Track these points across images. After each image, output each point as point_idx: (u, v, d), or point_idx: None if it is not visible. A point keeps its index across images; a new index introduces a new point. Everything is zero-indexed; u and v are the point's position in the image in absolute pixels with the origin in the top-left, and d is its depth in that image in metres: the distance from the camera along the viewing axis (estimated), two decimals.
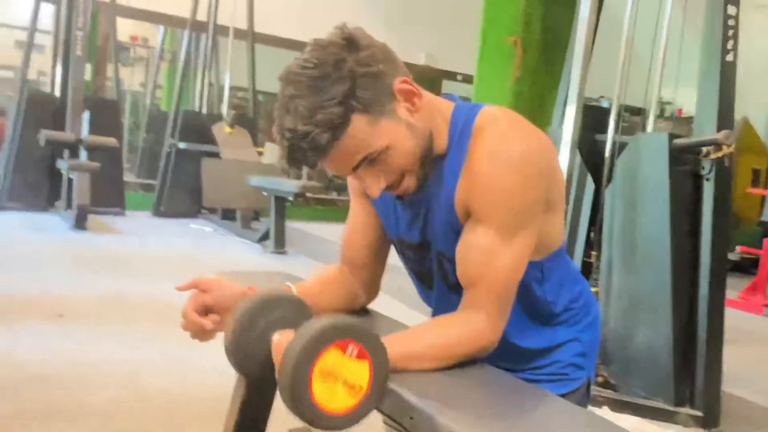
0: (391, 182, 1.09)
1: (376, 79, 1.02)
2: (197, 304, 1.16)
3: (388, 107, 1.03)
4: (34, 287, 3.58)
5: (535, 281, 1.20)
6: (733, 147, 2.45)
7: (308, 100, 0.99)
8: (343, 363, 0.91)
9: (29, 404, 2.10)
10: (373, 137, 1.02)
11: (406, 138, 1.06)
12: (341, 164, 1.05)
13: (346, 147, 1.02)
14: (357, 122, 1.01)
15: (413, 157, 1.07)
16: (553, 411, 1.04)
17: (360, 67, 1.00)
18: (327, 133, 0.99)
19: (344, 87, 0.99)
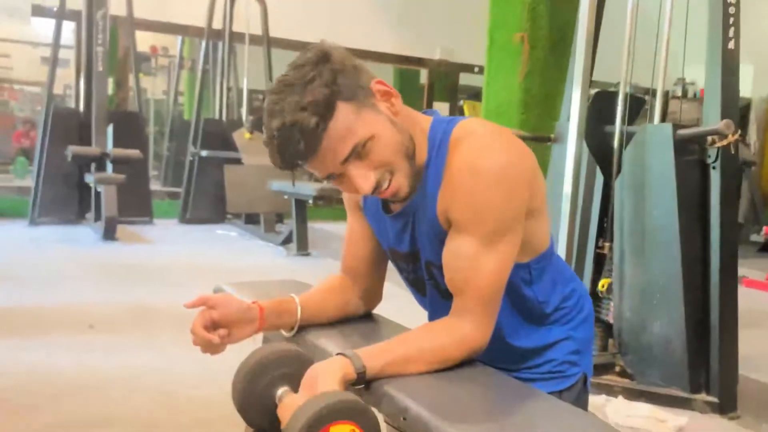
0: (380, 178, 1.11)
1: (354, 73, 1.08)
2: (205, 320, 1.23)
3: (369, 101, 1.09)
4: (66, 298, 3.72)
5: (524, 283, 1.25)
6: (738, 135, 2.46)
7: (294, 94, 1.04)
8: None
9: (66, 414, 2.21)
10: (358, 125, 1.07)
11: (391, 131, 1.10)
12: (331, 156, 1.07)
13: (335, 134, 1.05)
14: (342, 109, 1.05)
15: (399, 149, 1.11)
16: (542, 408, 1.08)
17: (338, 65, 1.07)
18: (315, 117, 1.03)
19: (327, 77, 1.05)
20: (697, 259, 2.59)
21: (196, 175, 7.15)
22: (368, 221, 1.36)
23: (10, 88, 13.03)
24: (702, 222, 2.60)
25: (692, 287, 2.57)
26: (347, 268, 1.44)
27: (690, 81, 9.98)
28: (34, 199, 6.39)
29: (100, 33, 6.15)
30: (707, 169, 2.60)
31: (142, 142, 6.93)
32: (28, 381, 2.48)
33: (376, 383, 1.09)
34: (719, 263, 2.54)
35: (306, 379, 1.06)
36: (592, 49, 2.82)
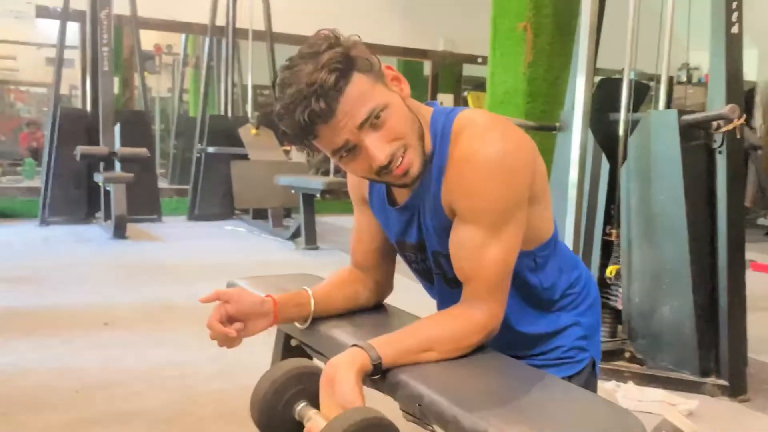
0: (395, 151, 1.12)
1: (367, 56, 1.11)
2: (220, 315, 1.26)
3: (381, 79, 1.12)
4: (80, 297, 3.78)
5: (529, 270, 1.28)
6: (743, 119, 2.47)
7: (308, 65, 1.07)
8: None
9: (85, 411, 2.25)
10: (374, 93, 1.10)
11: (404, 108, 1.14)
12: (347, 120, 1.08)
13: (351, 97, 1.07)
14: (358, 78, 1.08)
15: (413, 125, 1.14)
16: (555, 392, 1.11)
17: (349, 44, 1.10)
18: (334, 74, 1.05)
19: (340, 50, 1.07)
20: (704, 243, 2.61)
21: (203, 172, 7.19)
22: (374, 214, 1.39)
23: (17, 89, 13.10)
24: (709, 206, 2.62)
25: (700, 271, 2.59)
26: (357, 261, 1.47)
27: (694, 66, 9.94)
28: (44, 199, 6.44)
29: (105, 32, 6.18)
30: (713, 154, 2.61)
31: (149, 140, 6.97)
32: (49, 379, 2.53)
33: (391, 372, 1.13)
34: (727, 247, 2.56)
35: (324, 375, 1.09)
36: (596, 37, 2.84)
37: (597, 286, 1.46)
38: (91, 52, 6.60)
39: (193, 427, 2.16)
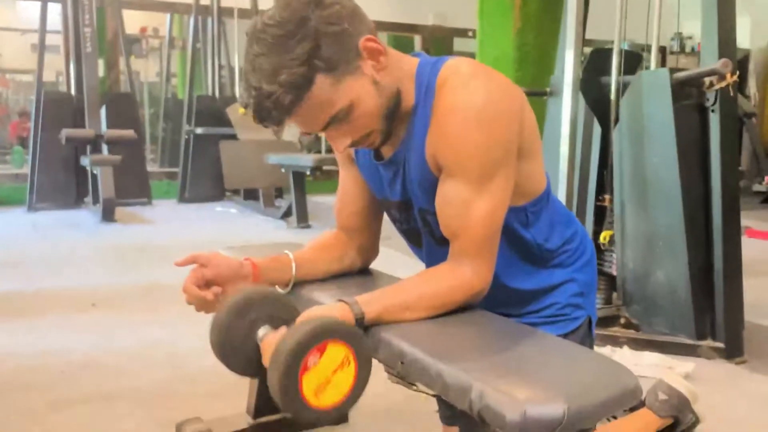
0: (356, 140, 1.11)
1: (341, 38, 1.03)
2: (197, 278, 1.21)
3: (353, 65, 1.05)
4: (69, 280, 3.72)
5: (521, 225, 1.22)
6: (736, 76, 2.41)
7: (272, 59, 1.00)
8: (325, 364, 0.96)
9: (71, 390, 2.21)
10: (336, 96, 1.04)
11: (372, 95, 1.08)
12: (308, 123, 1.08)
13: (310, 107, 1.04)
14: (321, 83, 1.02)
15: (378, 114, 1.09)
16: (546, 347, 1.06)
17: (324, 26, 1.01)
18: (290, 94, 1.01)
19: (308, 46, 1.00)
20: (699, 205, 2.56)
21: (192, 154, 7.11)
22: (361, 173, 1.33)
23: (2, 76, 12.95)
24: (703, 167, 2.57)
25: (695, 233, 2.55)
26: (341, 223, 1.42)
27: (687, 35, 9.87)
28: (31, 185, 6.37)
29: (87, 13, 6.07)
30: (706, 113, 2.55)
31: (136, 122, 6.88)
32: (38, 360, 2.49)
33: (374, 329, 1.08)
34: (721, 207, 2.52)
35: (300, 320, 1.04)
36: (585, 4, 2.77)
37: (593, 244, 1.41)
38: (73, 34, 6.49)
39: (182, 404, 2.12)
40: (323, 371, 0.96)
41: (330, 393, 0.97)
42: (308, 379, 0.95)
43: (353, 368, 0.98)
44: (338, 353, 0.97)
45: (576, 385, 0.90)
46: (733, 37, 2.55)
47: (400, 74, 1.13)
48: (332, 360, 0.96)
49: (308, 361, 0.94)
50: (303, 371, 0.95)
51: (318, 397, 0.96)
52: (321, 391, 0.96)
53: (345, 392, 0.98)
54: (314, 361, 0.95)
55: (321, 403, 0.97)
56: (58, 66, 9.25)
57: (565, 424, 0.83)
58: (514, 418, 0.82)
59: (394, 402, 2.10)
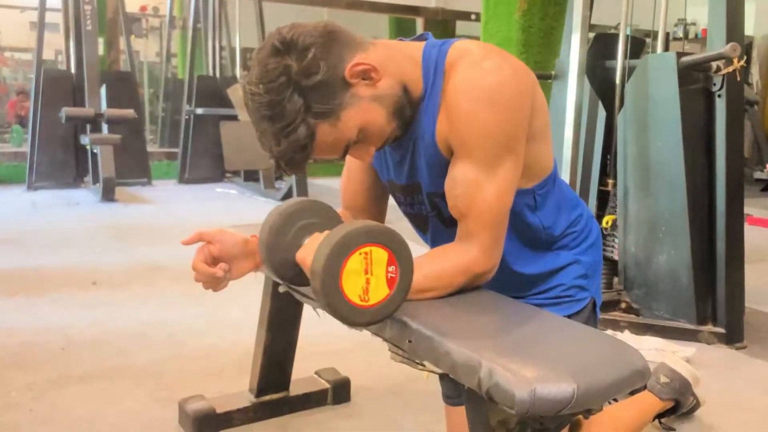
0: (379, 146, 1.13)
1: (326, 84, 1.02)
2: (205, 256, 1.21)
3: (347, 97, 1.04)
4: (68, 259, 3.71)
5: (528, 208, 1.22)
6: (744, 61, 2.39)
7: (271, 126, 1.03)
8: (371, 262, 0.97)
9: (71, 368, 2.21)
10: (343, 132, 1.06)
11: (376, 111, 1.08)
12: (328, 156, 1.11)
13: (321, 150, 1.07)
14: (322, 130, 1.04)
15: (389, 122, 1.10)
16: (552, 327, 1.06)
17: (306, 79, 1.01)
18: (299, 153, 1.05)
19: (298, 105, 1.01)
20: (702, 190, 2.55)
21: (192, 134, 7.08)
22: None
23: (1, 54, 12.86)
24: (707, 152, 2.56)
25: (698, 218, 2.54)
26: (347, 203, 1.42)
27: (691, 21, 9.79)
28: (31, 164, 6.34)
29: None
30: (712, 98, 2.54)
31: (135, 102, 6.84)
32: (36, 337, 2.49)
33: None
34: (725, 192, 2.51)
35: None
36: None
37: (598, 226, 1.40)
38: (73, 11, 6.43)
39: (182, 382, 2.12)
40: (368, 266, 0.97)
41: (373, 292, 0.98)
42: (355, 260, 0.95)
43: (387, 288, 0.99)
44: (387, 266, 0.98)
45: (585, 364, 0.90)
46: (741, 21, 2.53)
47: (404, 66, 1.12)
48: (381, 264, 0.98)
49: (366, 247, 0.96)
50: (359, 248, 0.95)
51: (350, 285, 0.96)
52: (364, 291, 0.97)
53: (374, 299, 0.98)
54: (369, 252, 0.96)
55: (346, 289, 0.96)
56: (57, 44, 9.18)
57: (574, 403, 0.82)
58: (523, 396, 0.82)
59: (396, 383, 2.10)
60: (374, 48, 1.09)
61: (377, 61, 1.07)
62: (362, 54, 1.06)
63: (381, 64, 1.07)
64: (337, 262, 0.94)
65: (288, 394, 1.90)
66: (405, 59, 1.12)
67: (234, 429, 1.82)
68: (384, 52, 1.10)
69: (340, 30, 1.07)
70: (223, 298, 1.17)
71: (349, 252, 0.95)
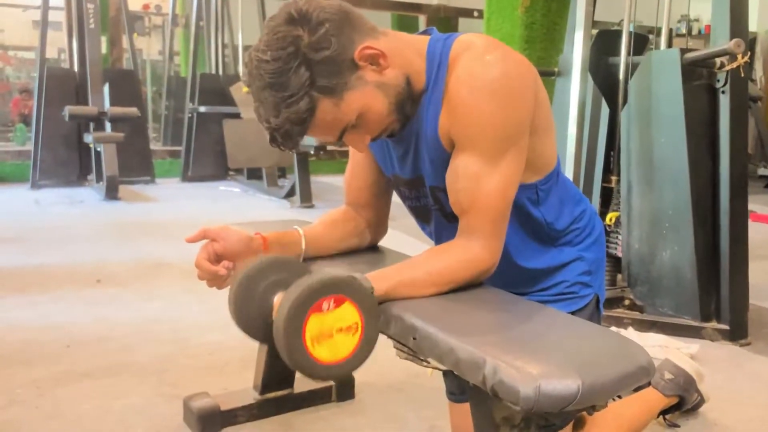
0: (375, 136, 1.13)
1: (334, 60, 1.02)
2: (208, 253, 1.21)
3: (352, 78, 1.05)
4: (72, 257, 3.72)
5: (531, 203, 1.22)
6: (747, 56, 2.39)
7: (273, 95, 1.02)
8: (328, 319, 0.95)
9: (76, 364, 2.22)
10: (343, 112, 1.05)
11: (379, 98, 1.07)
12: (323, 137, 1.10)
13: (319, 128, 1.07)
14: (323, 106, 1.04)
15: (389, 112, 1.10)
16: (557, 323, 1.06)
17: (315, 53, 1.01)
18: (297, 126, 1.04)
19: (304, 78, 1.01)
20: (706, 186, 2.55)
21: (195, 132, 7.09)
22: (371, 148, 1.32)
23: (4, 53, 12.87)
24: (711, 148, 2.55)
25: (702, 214, 2.54)
26: (351, 199, 1.42)
27: (694, 18, 9.77)
28: (35, 162, 6.35)
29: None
30: (716, 95, 2.53)
31: (138, 100, 6.84)
32: (39, 334, 2.49)
33: (384, 306, 1.08)
34: (729, 188, 2.50)
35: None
36: None
37: (602, 222, 1.40)
38: (76, 9, 6.44)
39: (186, 378, 2.12)
40: (330, 322, 0.95)
41: (327, 348, 0.96)
42: (314, 322, 0.94)
43: (357, 339, 0.98)
44: (351, 316, 0.96)
45: (589, 361, 0.90)
46: (745, 16, 2.52)
47: (409, 57, 1.12)
48: (342, 318, 0.96)
49: (322, 303, 0.94)
50: (314, 310, 0.94)
51: (314, 345, 0.95)
52: (319, 342, 0.95)
53: (340, 356, 0.97)
54: (327, 307, 0.95)
55: (315, 352, 0.95)
56: (59, 43, 9.19)
57: (578, 399, 0.83)
58: (528, 392, 0.82)
59: (399, 380, 2.10)
60: (384, 37, 1.10)
61: (386, 50, 1.07)
62: (372, 40, 1.07)
63: (389, 53, 1.08)
64: (297, 326, 0.93)
65: (292, 391, 1.90)
66: (411, 51, 1.13)
67: (238, 426, 1.82)
68: (392, 43, 1.10)
69: (354, 12, 1.07)
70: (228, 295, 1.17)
71: (308, 310, 0.94)
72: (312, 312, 0.94)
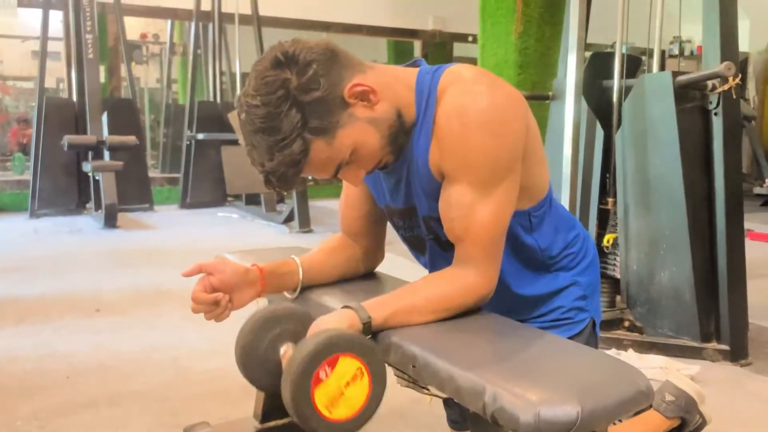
0: (369, 170, 1.14)
1: (324, 101, 1.03)
2: (205, 287, 1.21)
3: (344, 116, 1.05)
4: (71, 286, 3.72)
5: (524, 230, 1.23)
6: (739, 78, 2.42)
7: (265, 139, 1.02)
8: (332, 381, 0.96)
9: (77, 395, 2.21)
10: (337, 151, 1.06)
11: (371, 134, 1.08)
12: (318, 176, 1.11)
13: (313, 168, 1.07)
14: (317, 147, 1.04)
15: (381, 146, 1.10)
16: (555, 349, 1.07)
17: (305, 95, 1.02)
18: (291, 169, 1.04)
19: (295, 120, 1.01)
20: (702, 207, 2.57)
21: (194, 159, 7.12)
22: (364, 179, 1.33)
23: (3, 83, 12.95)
24: (706, 169, 2.58)
25: (699, 235, 2.55)
26: (346, 228, 1.42)
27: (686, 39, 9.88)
28: (33, 191, 6.37)
29: (88, 19, 6.08)
30: (709, 116, 2.56)
31: (137, 128, 6.87)
32: (40, 364, 2.49)
33: (383, 334, 1.08)
34: (725, 209, 2.52)
35: (311, 332, 1.04)
36: (587, 7, 2.78)
37: (595, 245, 1.41)
38: (75, 40, 6.50)
39: (188, 406, 2.12)
40: (335, 384, 0.96)
41: (344, 406, 0.97)
42: (320, 393, 0.95)
43: (367, 381, 0.99)
44: (350, 366, 0.97)
45: (589, 386, 0.90)
46: (735, 39, 2.56)
47: (399, 91, 1.12)
48: (344, 373, 0.97)
49: (319, 374, 0.95)
50: (315, 384, 0.95)
51: (331, 410, 0.97)
52: (334, 405, 0.97)
53: (359, 405, 0.99)
54: (325, 374, 0.95)
55: (335, 416, 0.97)
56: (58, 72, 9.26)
57: (578, 425, 0.83)
58: (528, 419, 0.83)
59: (400, 405, 2.10)
60: (372, 71, 1.10)
61: (375, 85, 1.08)
62: (361, 76, 1.07)
63: (378, 87, 1.09)
64: (309, 407, 0.95)
65: (293, 420, 1.89)
66: (400, 85, 1.13)
67: None
68: (381, 77, 1.11)
69: (340, 50, 1.08)
70: (227, 322, 1.18)
71: (310, 390, 0.95)
72: (314, 387, 0.95)
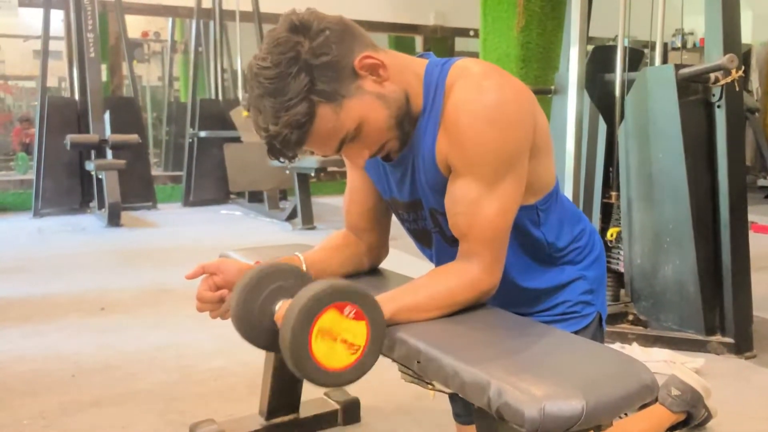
0: (373, 152, 1.13)
1: (334, 66, 1.03)
2: (209, 286, 1.22)
3: (352, 87, 1.05)
4: (76, 285, 3.73)
5: (532, 224, 1.23)
6: (742, 71, 2.41)
7: (272, 101, 1.02)
8: (341, 323, 0.96)
9: (82, 394, 2.22)
10: (343, 121, 1.05)
11: (378, 110, 1.08)
12: (321, 149, 1.10)
13: (318, 137, 1.06)
14: (323, 113, 1.04)
15: (388, 126, 1.10)
16: (560, 344, 1.07)
17: (315, 58, 1.02)
18: (295, 133, 1.03)
19: (303, 83, 1.01)
20: (706, 199, 2.56)
21: (196, 157, 7.13)
22: (368, 173, 1.34)
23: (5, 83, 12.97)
24: (709, 162, 2.57)
25: (703, 228, 2.55)
26: (350, 224, 1.43)
27: (689, 31, 9.84)
28: (37, 190, 6.38)
29: (89, 18, 6.08)
30: (712, 109, 2.55)
31: (139, 126, 6.88)
32: (45, 364, 2.49)
33: (388, 330, 1.08)
34: (728, 201, 2.51)
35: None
36: (588, 1, 2.77)
37: (601, 239, 1.41)
38: (76, 39, 6.51)
39: (193, 404, 2.12)
40: (341, 327, 0.96)
41: (343, 355, 0.97)
42: (318, 344, 0.95)
43: (365, 328, 0.99)
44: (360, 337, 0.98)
45: (593, 381, 0.91)
46: (737, 31, 2.55)
47: (408, 77, 1.13)
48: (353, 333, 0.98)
49: (346, 306, 0.96)
50: (313, 335, 0.95)
51: (331, 360, 0.96)
52: (334, 354, 0.97)
53: (359, 353, 0.99)
54: (348, 312, 0.96)
55: (335, 365, 0.97)
56: (59, 72, 9.27)
57: (583, 420, 0.83)
58: (533, 414, 0.83)
59: (406, 401, 2.10)
60: (384, 53, 1.11)
61: (386, 63, 1.09)
62: (373, 51, 1.08)
63: (389, 67, 1.09)
64: (304, 332, 0.94)
65: (298, 416, 1.90)
66: (409, 72, 1.13)
67: None
68: (392, 59, 1.11)
69: (355, 25, 1.09)
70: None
71: (314, 317, 0.94)
72: (334, 306, 0.95)
